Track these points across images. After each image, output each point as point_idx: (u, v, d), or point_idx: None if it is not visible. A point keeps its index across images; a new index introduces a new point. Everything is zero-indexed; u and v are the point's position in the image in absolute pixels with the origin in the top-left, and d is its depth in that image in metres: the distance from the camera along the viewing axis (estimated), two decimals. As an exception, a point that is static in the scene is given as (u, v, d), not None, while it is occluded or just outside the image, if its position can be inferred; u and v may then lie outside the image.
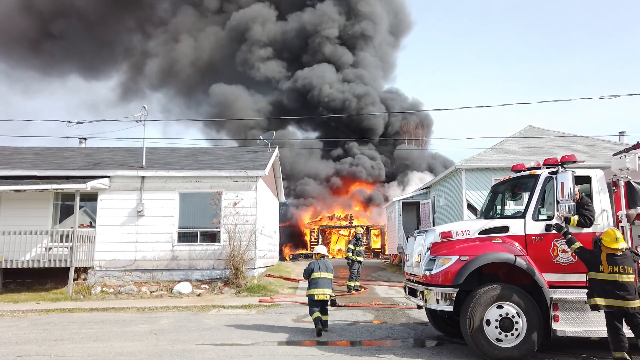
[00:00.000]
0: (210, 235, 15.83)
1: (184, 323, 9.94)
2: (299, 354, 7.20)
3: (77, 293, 14.23)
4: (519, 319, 6.54)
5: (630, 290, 5.97)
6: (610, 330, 6.12)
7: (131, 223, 15.65)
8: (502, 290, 6.62)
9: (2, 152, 18.95)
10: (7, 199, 15.57)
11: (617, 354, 6.04)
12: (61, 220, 16.03)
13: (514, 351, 6.46)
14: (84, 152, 19.62)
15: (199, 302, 12.82)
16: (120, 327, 9.59)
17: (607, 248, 6.15)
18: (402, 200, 26.14)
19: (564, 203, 6.62)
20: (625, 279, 6.01)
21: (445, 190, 21.43)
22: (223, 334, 8.73)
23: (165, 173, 15.89)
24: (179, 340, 8.23)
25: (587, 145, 20.25)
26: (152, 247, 15.49)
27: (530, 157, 17.40)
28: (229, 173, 15.95)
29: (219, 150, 20.89)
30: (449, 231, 7.30)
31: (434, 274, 6.92)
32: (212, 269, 15.45)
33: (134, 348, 7.65)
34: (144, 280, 15.31)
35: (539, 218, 7.10)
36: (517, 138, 21.29)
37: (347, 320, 10.18)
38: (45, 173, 15.68)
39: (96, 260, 15.42)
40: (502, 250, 6.83)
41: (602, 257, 6.17)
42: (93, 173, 15.73)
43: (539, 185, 7.22)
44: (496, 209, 8.52)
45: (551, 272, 6.87)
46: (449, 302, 6.71)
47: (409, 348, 7.72)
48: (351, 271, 15.18)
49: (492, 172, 17.99)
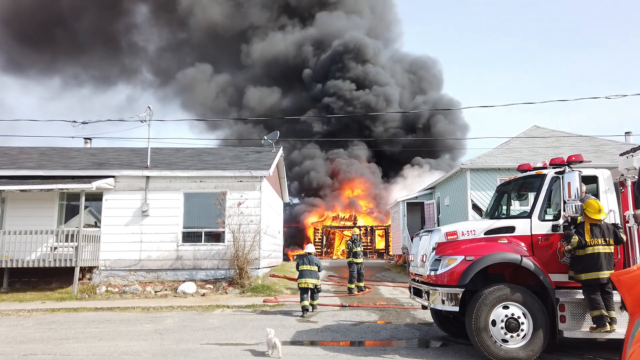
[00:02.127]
0: (215, 235, 15.84)
1: (188, 323, 9.95)
2: (304, 354, 7.18)
3: (82, 292, 14.28)
4: (525, 320, 6.50)
5: (609, 261, 6.47)
6: (588, 298, 6.48)
7: (136, 223, 15.68)
8: (508, 291, 6.58)
9: (8, 152, 19.05)
10: (13, 199, 15.64)
11: (595, 313, 6.37)
12: (66, 220, 16.09)
13: (520, 352, 6.42)
14: (89, 152, 19.69)
15: (204, 302, 12.83)
16: (125, 326, 9.60)
17: (589, 219, 6.54)
18: (407, 201, 26.09)
19: (570, 203, 6.59)
20: (607, 249, 6.51)
21: (450, 190, 21.37)
22: (228, 334, 8.73)
23: (170, 173, 15.92)
24: (184, 339, 8.24)
25: (593, 146, 20.13)
26: (156, 247, 15.52)
27: (536, 157, 17.32)
28: (234, 173, 15.96)
29: (224, 151, 20.91)
30: (454, 231, 7.26)
31: (440, 274, 6.88)
32: (217, 269, 15.46)
33: (139, 347, 7.66)
34: (149, 280, 15.34)
35: (545, 218, 7.06)
36: (522, 138, 21.20)
37: (352, 321, 10.15)
38: (51, 173, 15.75)
39: (101, 260, 15.46)
40: (508, 251, 6.78)
41: (586, 228, 6.56)
42: (98, 173, 15.78)
43: (545, 185, 7.17)
44: (502, 209, 8.48)
45: (557, 272, 6.83)
46: (454, 302, 6.68)
47: (413, 348, 7.69)
48: (350, 273, 15.07)
49: (497, 172, 17.92)
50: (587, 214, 6.55)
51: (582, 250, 6.58)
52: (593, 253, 6.50)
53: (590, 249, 6.51)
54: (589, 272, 6.45)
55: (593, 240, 6.52)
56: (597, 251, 6.49)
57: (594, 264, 6.45)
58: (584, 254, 6.55)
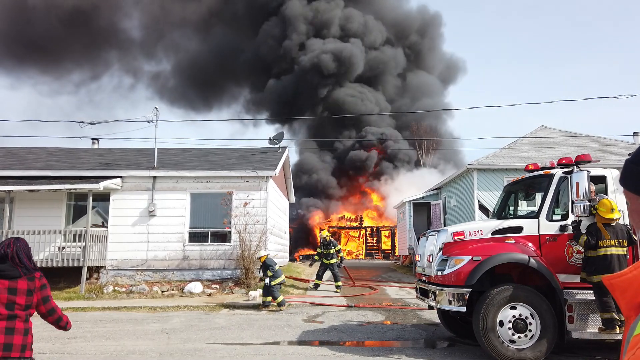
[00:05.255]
0: (221, 235, 15.87)
1: (195, 322, 9.97)
2: (310, 354, 7.18)
3: (89, 292, 14.35)
4: (533, 320, 6.46)
5: (622, 263, 6.32)
6: (599, 300, 6.38)
7: (143, 223, 15.75)
8: (516, 291, 6.55)
9: (17, 153, 19.19)
10: (21, 199, 15.76)
11: (605, 315, 6.28)
12: (74, 220, 16.19)
13: (528, 353, 6.38)
14: (97, 153, 19.80)
15: (210, 302, 12.86)
16: (132, 326, 9.65)
17: (602, 218, 6.42)
18: (413, 201, 26.01)
19: (579, 203, 6.53)
20: (620, 251, 6.39)
21: (456, 190, 21.29)
22: (234, 334, 8.74)
23: (176, 173, 15.97)
24: (191, 339, 8.26)
25: (601, 146, 19.97)
26: (163, 247, 15.57)
27: (543, 158, 17.21)
28: (240, 173, 15.99)
29: (230, 151, 20.95)
30: (461, 231, 7.24)
31: (447, 274, 6.86)
32: (223, 268, 15.49)
33: (146, 347, 7.69)
34: (156, 279, 15.40)
35: (553, 218, 7.01)
36: (529, 138, 21.07)
37: (358, 321, 10.14)
38: (59, 173, 15.85)
39: (108, 260, 15.54)
40: (515, 251, 6.75)
41: (600, 228, 6.45)
42: (105, 173, 15.86)
43: (553, 185, 7.13)
44: (509, 210, 8.44)
45: (566, 272, 6.78)
46: (461, 302, 6.65)
47: (420, 349, 7.66)
48: (334, 274, 15.57)
49: (504, 173, 17.83)
50: (600, 214, 6.43)
51: (594, 251, 6.47)
52: (605, 254, 6.38)
53: (602, 250, 6.40)
54: (600, 274, 6.32)
55: (605, 242, 6.39)
56: (609, 252, 6.37)
57: (606, 266, 6.31)
58: (596, 255, 6.45)
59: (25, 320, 3.41)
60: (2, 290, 3.35)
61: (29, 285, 3.43)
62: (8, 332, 3.30)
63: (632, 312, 1.14)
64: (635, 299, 1.14)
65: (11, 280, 3.39)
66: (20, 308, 3.37)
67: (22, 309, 3.38)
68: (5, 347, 3.28)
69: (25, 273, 3.45)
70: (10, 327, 3.32)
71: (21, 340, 3.35)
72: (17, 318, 3.35)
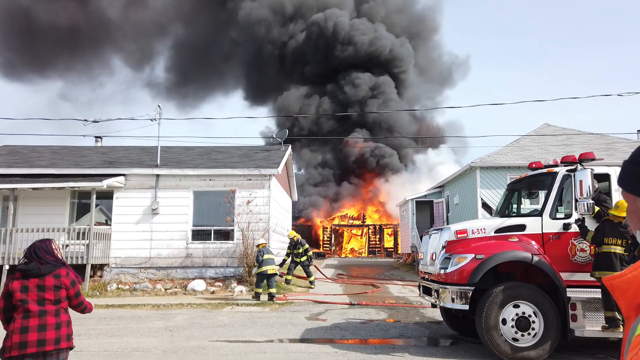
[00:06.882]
0: (224, 233, 15.90)
1: (198, 320, 10.00)
2: (313, 352, 7.19)
3: (93, 290, 14.41)
4: (536, 319, 6.45)
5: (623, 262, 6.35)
6: (604, 300, 6.40)
7: (146, 221, 15.79)
8: (519, 289, 6.54)
9: (20, 151, 19.26)
10: (25, 197, 15.82)
11: (608, 314, 6.31)
12: (78, 218, 16.25)
13: (531, 351, 6.38)
14: (100, 151, 19.85)
15: (213, 300, 12.90)
16: (136, 323, 9.68)
17: (615, 217, 6.44)
18: (416, 199, 25.99)
19: (582, 201, 6.51)
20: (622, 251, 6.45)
21: (459, 189, 21.25)
22: (237, 331, 8.76)
23: (179, 171, 16.00)
24: (194, 336, 8.29)
25: (604, 144, 19.89)
26: (166, 245, 15.61)
27: (547, 156, 17.16)
28: (243, 171, 16.00)
29: (233, 149, 20.96)
30: (464, 229, 7.23)
31: (449, 272, 6.86)
32: (226, 266, 15.52)
33: (150, 344, 7.72)
34: (159, 277, 15.45)
35: (556, 216, 6.99)
36: (532, 136, 21.00)
37: (361, 319, 10.15)
38: (62, 171, 15.90)
39: (112, 258, 15.59)
40: (518, 249, 6.74)
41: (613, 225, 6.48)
42: (109, 171, 15.90)
43: (556, 183, 7.11)
44: (512, 208, 8.42)
45: (569, 271, 6.77)
46: (464, 300, 6.65)
47: (423, 347, 7.66)
48: (306, 271, 15.95)
49: (508, 171, 17.78)
50: (614, 212, 6.42)
51: (599, 248, 6.51)
52: (609, 252, 6.38)
53: (605, 247, 6.40)
54: (603, 272, 6.34)
55: (610, 240, 6.38)
56: (612, 250, 6.37)
57: (609, 264, 6.32)
58: (600, 252, 6.47)
59: (56, 315, 3.68)
60: (32, 288, 3.66)
61: (55, 282, 3.70)
62: (41, 329, 3.58)
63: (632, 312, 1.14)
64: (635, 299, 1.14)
65: (39, 278, 3.68)
66: (50, 303, 3.67)
67: (52, 303, 3.68)
68: (39, 343, 3.56)
69: (50, 270, 3.71)
70: (43, 323, 3.60)
71: (54, 335, 3.62)
72: (48, 314, 3.64)
